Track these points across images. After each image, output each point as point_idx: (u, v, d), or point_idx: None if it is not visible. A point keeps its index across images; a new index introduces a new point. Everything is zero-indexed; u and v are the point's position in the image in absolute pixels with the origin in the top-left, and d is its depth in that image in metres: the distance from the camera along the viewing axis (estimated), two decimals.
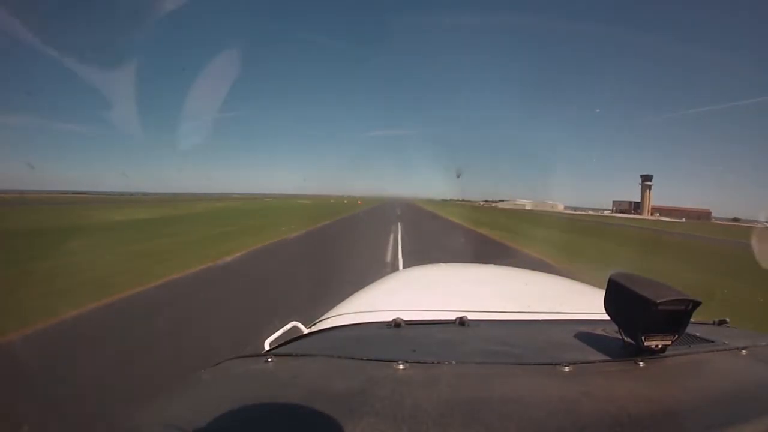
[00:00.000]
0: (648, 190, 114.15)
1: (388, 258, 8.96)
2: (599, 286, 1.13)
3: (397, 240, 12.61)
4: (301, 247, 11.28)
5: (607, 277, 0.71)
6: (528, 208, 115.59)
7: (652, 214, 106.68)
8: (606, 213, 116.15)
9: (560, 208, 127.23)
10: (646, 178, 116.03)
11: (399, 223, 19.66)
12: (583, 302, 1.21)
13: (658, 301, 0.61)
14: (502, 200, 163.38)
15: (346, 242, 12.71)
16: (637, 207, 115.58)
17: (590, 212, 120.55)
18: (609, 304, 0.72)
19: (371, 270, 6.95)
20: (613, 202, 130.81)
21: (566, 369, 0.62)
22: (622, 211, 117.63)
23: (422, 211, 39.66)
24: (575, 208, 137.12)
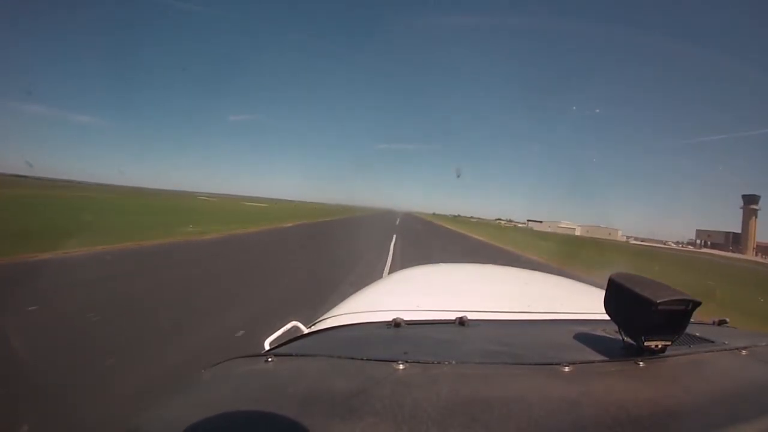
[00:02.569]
0: (754, 217, 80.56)
1: None
2: None
3: None
4: None
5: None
6: (578, 233, 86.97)
7: (757, 254, 73.69)
8: (690, 248, 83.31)
9: (619, 235, 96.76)
10: (751, 199, 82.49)
11: None
12: (583, 302, 1.21)
13: (658, 302, 0.60)
14: (532, 220, 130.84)
15: None
16: (736, 240, 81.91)
17: (671, 244, 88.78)
18: (609, 305, 0.71)
19: None
20: (698, 231, 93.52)
21: (566, 369, 0.62)
22: (713, 246, 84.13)
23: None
24: (642, 239, 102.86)
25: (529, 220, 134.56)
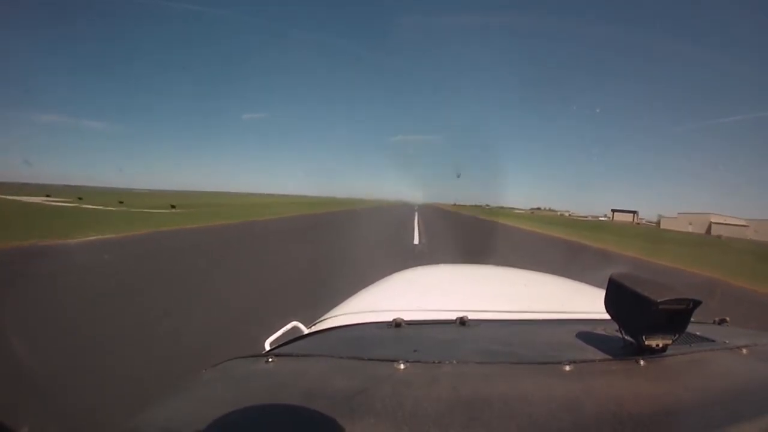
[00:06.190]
0: None
1: None
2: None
3: None
4: None
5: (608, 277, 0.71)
6: (750, 235, 53.16)
7: None
8: None
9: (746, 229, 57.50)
10: None
11: None
12: (584, 302, 1.21)
13: (658, 301, 0.60)
14: (618, 210, 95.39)
15: None
16: None
17: None
18: (610, 304, 0.71)
19: None
20: None
21: (567, 368, 0.62)
22: None
23: None
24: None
25: (614, 210, 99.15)
